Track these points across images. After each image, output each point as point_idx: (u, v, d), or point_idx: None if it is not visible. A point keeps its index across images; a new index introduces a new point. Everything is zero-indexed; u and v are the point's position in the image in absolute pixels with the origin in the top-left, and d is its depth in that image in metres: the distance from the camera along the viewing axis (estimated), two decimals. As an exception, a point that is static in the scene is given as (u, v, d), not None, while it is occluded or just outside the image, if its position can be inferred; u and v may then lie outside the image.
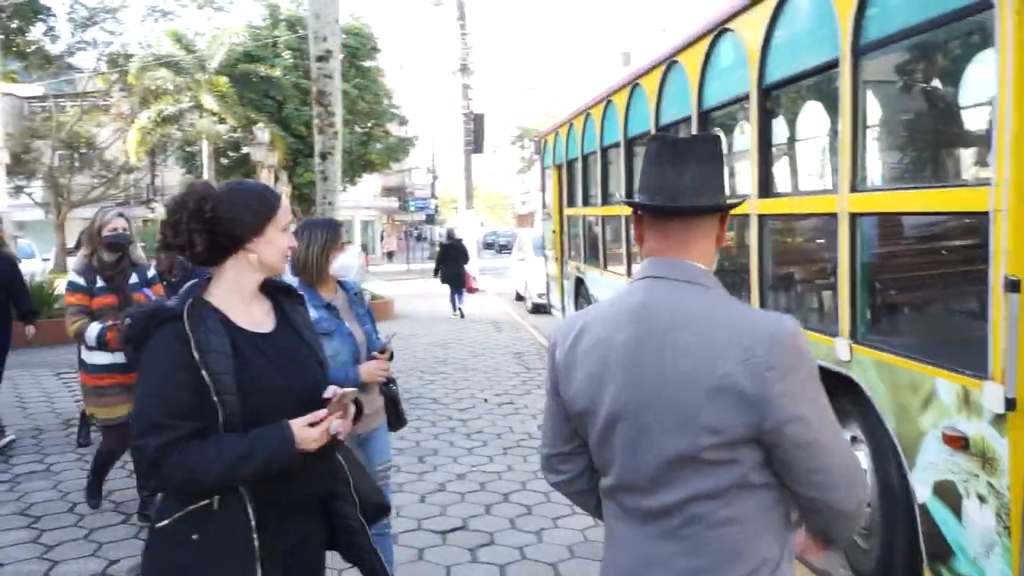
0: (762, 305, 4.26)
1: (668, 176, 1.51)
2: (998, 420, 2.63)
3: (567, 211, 9.69)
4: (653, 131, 5.89)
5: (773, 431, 1.36)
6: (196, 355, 1.76)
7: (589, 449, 1.60)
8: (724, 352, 1.37)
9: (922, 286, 3.55)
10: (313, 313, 2.94)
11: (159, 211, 23.05)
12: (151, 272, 4.47)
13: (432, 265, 15.97)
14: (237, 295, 1.89)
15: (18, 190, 24.06)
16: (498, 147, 61.85)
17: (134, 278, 4.29)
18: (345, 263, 3.20)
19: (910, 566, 3.30)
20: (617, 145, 7.04)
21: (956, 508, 2.91)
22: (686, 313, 1.45)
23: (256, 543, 1.80)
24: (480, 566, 3.91)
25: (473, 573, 3.85)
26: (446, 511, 4.62)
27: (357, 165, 27.82)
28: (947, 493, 2.95)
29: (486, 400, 7.47)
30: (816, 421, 1.39)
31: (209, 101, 20.57)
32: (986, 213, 2.55)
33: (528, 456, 5.73)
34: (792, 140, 4.59)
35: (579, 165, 8.78)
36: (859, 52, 3.22)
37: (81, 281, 4.16)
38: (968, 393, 2.77)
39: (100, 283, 4.18)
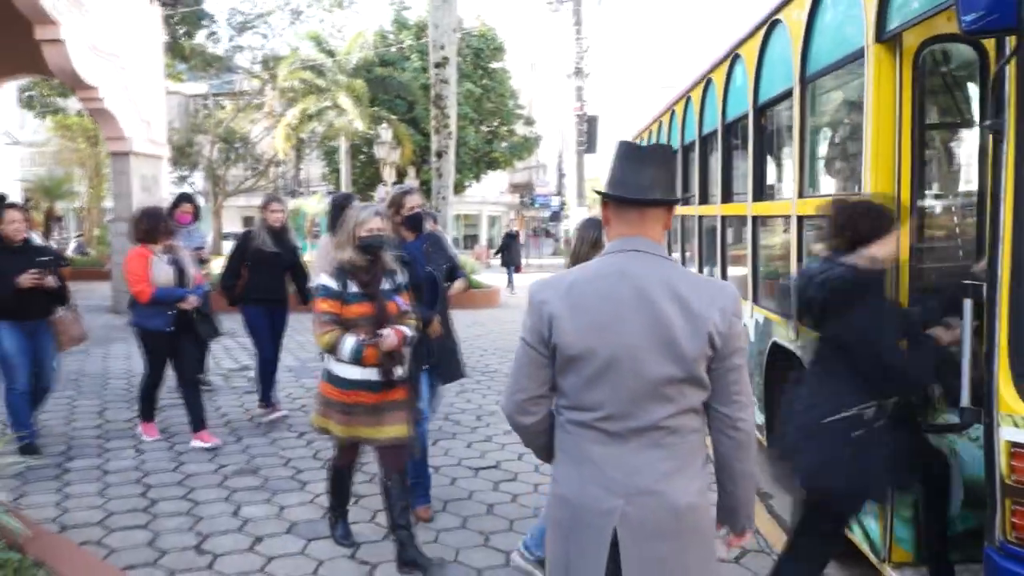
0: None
1: (629, 174, 1.93)
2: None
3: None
4: (697, 139, 6.59)
5: (727, 356, 1.86)
6: None
7: (566, 390, 1.94)
8: (708, 306, 1.83)
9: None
10: None
11: (298, 203, 25.13)
12: (401, 278, 3.90)
13: (554, 261, 16.78)
14: None
15: (181, 180, 26.85)
16: (627, 146, 61.77)
17: (385, 284, 3.80)
18: None
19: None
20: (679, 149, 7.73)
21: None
22: (667, 276, 1.87)
23: None
24: (498, 494, 4.80)
25: (490, 498, 4.73)
26: (485, 456, 5.53)
27: (482, 163, 29.13)
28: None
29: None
30: (744, 356, 1.92)
31: (345, 101, 22.36)
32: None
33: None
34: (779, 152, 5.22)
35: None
36: (804, 83, 3.91)
37: (335, 286, 3.67)
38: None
39: (353, 288, 3.69)
